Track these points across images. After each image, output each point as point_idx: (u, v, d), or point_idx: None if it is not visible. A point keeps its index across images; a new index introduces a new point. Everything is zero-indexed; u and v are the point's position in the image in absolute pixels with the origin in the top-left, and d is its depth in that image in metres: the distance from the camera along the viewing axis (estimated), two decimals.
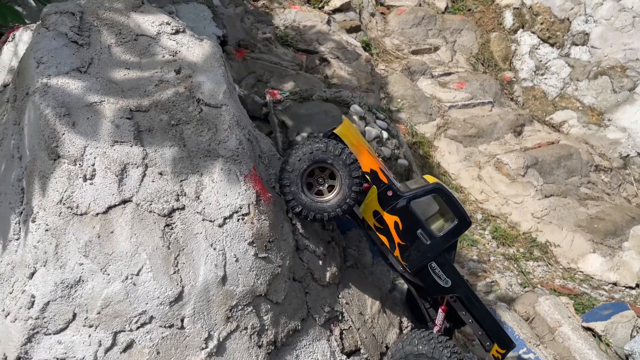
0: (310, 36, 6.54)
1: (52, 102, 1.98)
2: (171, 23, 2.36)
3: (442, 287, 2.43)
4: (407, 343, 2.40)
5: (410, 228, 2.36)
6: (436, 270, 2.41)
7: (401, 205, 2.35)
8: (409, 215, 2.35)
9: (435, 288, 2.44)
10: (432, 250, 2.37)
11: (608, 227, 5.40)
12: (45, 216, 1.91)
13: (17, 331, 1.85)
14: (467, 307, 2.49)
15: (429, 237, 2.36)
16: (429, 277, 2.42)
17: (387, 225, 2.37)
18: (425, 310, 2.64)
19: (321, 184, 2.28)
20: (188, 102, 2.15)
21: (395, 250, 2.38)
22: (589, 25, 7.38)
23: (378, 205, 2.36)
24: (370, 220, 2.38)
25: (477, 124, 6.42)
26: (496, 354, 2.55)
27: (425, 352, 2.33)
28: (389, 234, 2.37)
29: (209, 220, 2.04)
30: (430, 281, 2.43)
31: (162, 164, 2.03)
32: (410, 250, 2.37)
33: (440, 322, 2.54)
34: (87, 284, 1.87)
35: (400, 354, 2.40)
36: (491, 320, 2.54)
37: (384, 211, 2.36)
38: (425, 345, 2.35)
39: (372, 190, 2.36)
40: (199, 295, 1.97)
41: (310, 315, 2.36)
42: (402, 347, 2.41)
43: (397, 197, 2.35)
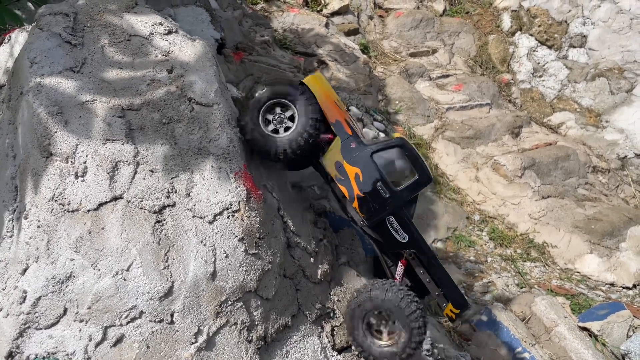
0: (308, 39, 6.58)
1: (45, 101, 2.01)
2: (164, 24, 2.39)
3: (399, 242, 2.42)
4: (373, 288, 2.35)
5: (370, 180, 2.35)
6: (394, 225, 2.40)
7: (363, 156, 2.34)
8: (370, 168, 2.34)
9: (393, 242, 2.43)
10: (390, 204, 2.35)
11: (605, 228, 5.40)
12: (38, 213, 1.94)
13: (9, 326, 1.87)
14: (424, 264, 2.48)
15: (388, 191, 2.34)
16: (387, 231, 2.41)
17: (347, 176, 2.36)
18: (387, 268, 2.62)
19: (279, 122, 2.29)
20: (179, 101, 2.18)
21: (354, 202, 2.36)
22: (586, 27, 7.40)
23: (340, 155, 2.36)
24: (331, 171, 2.38)
25: (475, 126, 6.43)
26: (450, 313, 2.54)
27: (389, 298, 2.29)
28: (349, 185, 2.36)
29: (199, 216, 2.07)
30: (388, 235, 2.42)
31: (153, 162, 2.06)
32: (369, 203, 2.35)
33: (400, 275, 2.51)
34: (77, 279, 1.90)
35: (365, 296, 2.35)
36: (447, 279, 2.53)
37: (346, 162, 2.35)
38: (385, 292, 2.30)
39: (336, 141, 2.36)
40: (189, 290, 1.99)
41: (301, 311, 2.38)
42: (369, 290, 2.36)
43: (360, 148, 2.35)
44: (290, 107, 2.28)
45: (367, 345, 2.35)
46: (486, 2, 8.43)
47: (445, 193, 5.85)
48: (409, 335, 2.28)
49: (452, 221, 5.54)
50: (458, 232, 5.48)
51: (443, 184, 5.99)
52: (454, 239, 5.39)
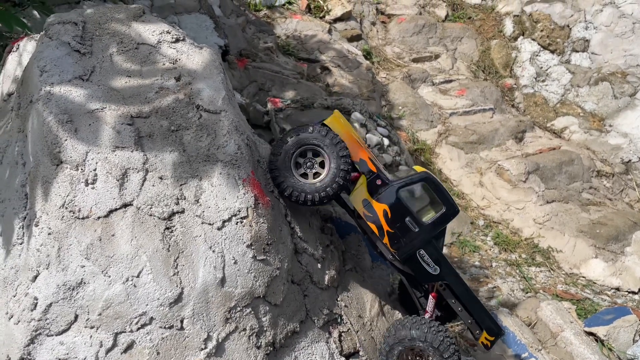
0: (311, 45, 6.61)
1: (55, 109, 2.03)
2: (171, 32, 2.41)
3: (430, 275, 2.45)
4: (400, 328, 2.40)
5: (398, 216, 2.39)
6: (425, 258, 2.44)
7: (390, 193, 2.39)
8: (398, 204, 2.39)
9: (424, 275, 2.46)
10: (420, 238, 2.40)
11: (610, 233, 5.40)
12: (48, 220, 1.96)
13: (20, 333, 1.89)
14: (456, 294, 2.51)
15: (417, 225, 2.39)
16: (418, 265, 2.45)
17: (376, 213, 2.40)
18: (416, 299, 2.66)
19: (310, 167, 2.32)
20: (188, 108, 2.20)
21: (384, 238, 2.41)
22: (589, 31, 7.43)
23: (367, 193, 2.40)
24: (359, 209, 2.42)
25: (478, 131, 6.45)
26: (485, 341, 2.57)
27: (418, 336, 2.34)
28: (378, 222, 2.40)
29: (208, 223, 2.08)
30: (419, 269, 2.45)
31: (162, 169, 2.08)
32: (399, 238, 2.40)
33: (431, 308, 2.55)
34: (88, 286, 1.91)
35: (393, 339, 2.40)
36: (479, 307, 2.56)
37: (373, 199, 2.39)
38: (418, 330, 2.35)
39: (362, 179, 2.41)
40: (198, 296, 2.00)
41: (309, 317, 2.39)
42: (395, 331, 2.41)
43: (386, 185, 2.39)
44: (317, 150, 2.31)
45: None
46: (488, 7, 8.47)
47: None
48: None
49: (457, 226, 5.54)
50: (462, 237, 5.48)
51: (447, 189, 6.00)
52: (458, 244, 5.39)
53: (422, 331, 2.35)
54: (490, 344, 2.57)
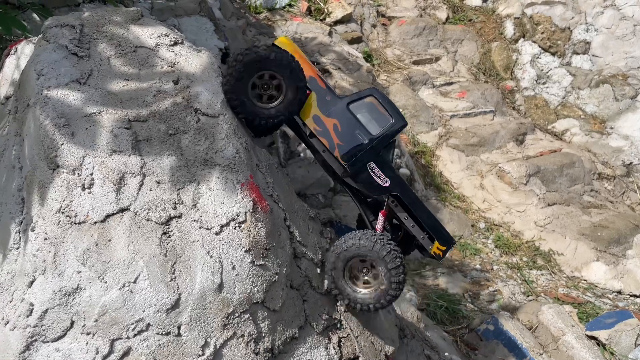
0: (312, 48, 6.60)
1: (52, 113, 2.01)
2: (169, 35, 2.40)
3: (381, 187, 2.47)
4: (349, 237, 2.40)
5: (348, 129, 2.43)
6: (375, 170, 2.46)
7: (340, 107, 2.43)
8: (348, 117, 2.43)
9: (375, 188, 2.48)
10: (370, 150, 2.42)
11: (612, 235, 5.38)
12: (44, 225, 1.94)
13: (16, 339, 1.87)
14: (407, 207, 2.52)
15: (367, 137, 2.42)
16: (369, 177, 2.46)
17: (326, 127, 2.44)
18: (369, 222, 2.65)
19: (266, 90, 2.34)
20: (186, 112, 2.18)
21: (335, 151, 2.43)
22: (589, 34, 7.41)
23: (317, 109, 2.44)
24: (310, 125, 2.45)
25: (479, 133, 6.43)
26: (437, 250, 2.56)
27: (365, 245, 2.34)
28: (329, 136, 2.43)
29: (205, 228, 2.06)
30: (370, 181, 2.47)
31: (159, 173, 2.06)
32: (350, 150, 2.42)
33: (381, 226, 2.55)
34: (84, 292, 1.89)
35: (340, 247, 2.40)
36: (431, 217, 2.56)
37: (323, 115, 2.44)
38: (366, 240, 2.35)
39: (312, 96, 2.45)
40: (196, 302, 1.98)
41: (308, 323, 2.37)
42: (344, 240, 2.41)
43: (336, 100, 2.44)
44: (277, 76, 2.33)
45: (345, 291, 2.41)
46: (489, 9, 8.46)
47: (450, 201, 5.83)
48: (387, 288, 2.34)
49: (457, 229, 5.52)
50: (463, 240, 5.46)
51: (448, 191, 5.98)
52: (459, 247, 5.37)
53: (370, 241, 2.35)
54: (442, 253, 2.58)
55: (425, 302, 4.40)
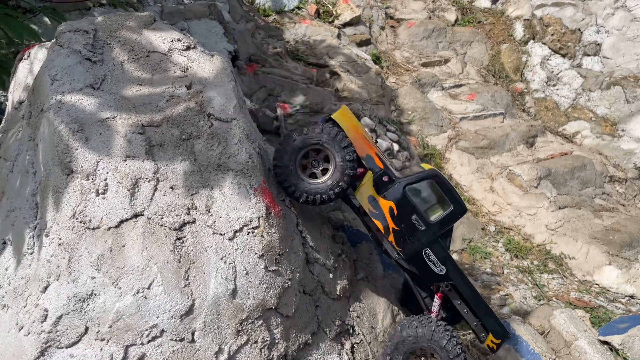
0: (320, 50, 6.59)
1: (66, 118, 2.02)
2: (182, 39, 2.40)
3: (436, 275, 2.42)
4: (406, 326, 2.37)
5: (405, 213, 2.36)
6: (430, 257, 2.41)
7: (396, 190, 2.36)
8: (404, 201, 2.35)
9: (430, 275, 2.43)
10: (426, 236, 2.36)
11: (624, 239, 5.32)
12: (59, 230, 1.94)
13: (30, 345, 1.87)
14: (462, 295, 2.47)
15: (424, 223, 2.36)
16: (423, 264, 2.41)
17: (382, 210, 2.37)
18: (421, 299, 2.61)
19: (315, 167, 2.30)
20: (199, 116, 2.18)
21: (390, 236, 2.37)
22: (600, 35, 7.35)
23: (373, 190, 2.37)
24: (365, 206, 2.39)
25: (489, 136, 6.39)
26: (491, 344, 2.54)
27: (424, 335, 2.31)
28: (384, 220, 2.37)
29: (219, 233, 2.05)
30: (425, 268, 2.42)
31: (173, 178, 2.06)
32: (405, 236, 2.37)
33: (437, 309, 2.51)
34: (99, 298, 1.89)
35: (398, 337, 2.37)
36: (485, 309, 2.52)
37: (380, 196, 2.36)
38: (424, 328, 2.32)
39: (368, 175, 2.38)
40: (210, 308, 1.97)
41: (320, 328, 2.35)
42: (401, 330, 2.38)
43: (393, 182, 2.36)
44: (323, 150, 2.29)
45: None
46: (498, 11, 8.41)
47: None
48: None
49: (467, 232, 5.49)
50: (473, 243, 5.43)
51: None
52: (469, 250, 5.34)
53: (429, 330, 2.31)
54: (496, 347, 2.55)
55: None
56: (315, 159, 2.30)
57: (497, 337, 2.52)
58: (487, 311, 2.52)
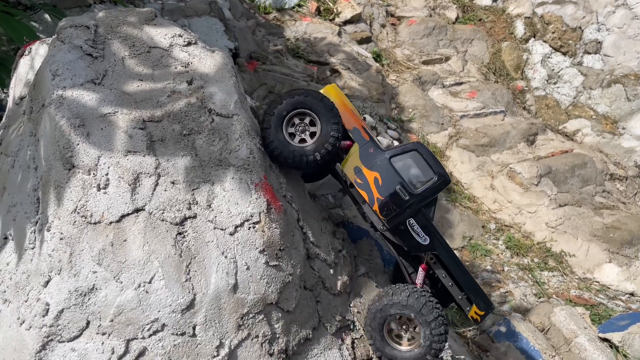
0: (321, 48, 6.59)
1: (67, 113, 2.02)
2: (183, 35, 2.40)
3: (420, 245, 2.44)
4: (382, 294, 2.38)
5: (389, 183, 2.39)
6: (415, 227, 2.42)
7: (382, 161, 2.40)
8: (389, 171, 2.39)
9: (414, 245, 2.45)
10: (410, 206, 2.38)
11: (624, 237, 5.32)
12: (60, 225, 1.94)
13: (32, 339, 1.87)
14: (446, 266, 2.49)
15: (408, 193, 2.38)
16: (408, 234, 2.43)
17: (367, 180, 2.41)
18: (407, 274, 2.63)
19: (302, 131, 2.35)
20: (200, 112, 2.18)
21: (375, 205, 2.40)
22: (601, 33, 7.35)
23: (359, 161, 2.42)
24: (351, 176, 2.43)
25: (490, 133, 6.39)
26: (475, 315, 2.54)
27: (399, 301, 2.32)
28: (369, 189, 2.40)
29: (220, 228, 2.06)
30: (409, 238, 2.44)
31: (174, 173, 2.06)
32: (389, 205, 2.39)
33: (421, 280, 2.53)
34: (100, 292, 1.89)
35: (375, 306, 2.38)
36: (470, 281, 2.53)
37: (365, 167, 2.41)
38: (400, 295, 2.33)
39: (354, 147, 2.43)
40: (211, 303, 1.98)
41: (321, 324, 2.36)
42: (378, 298, 2.39)
43: (378, 153, 2.41)
44: (310, 114, 2.34)
45: (386, 350, 2.38)
46: (499, 9, 8.41)
47: (461, 201, 5.80)
48: (429, 342, 2.30)
49: (468, 230, 5.49)
50: (474, 241, 5.43)
51: (458, 192, 5.94)
52: (469, 247, 5.34)
53: (404, 296, 2.32)
54: (480, 318, 2.55)
55: None
56: (302, 124, 2.36)
57: (481, 308, 2.53)
58: (472, 283, 2.53)
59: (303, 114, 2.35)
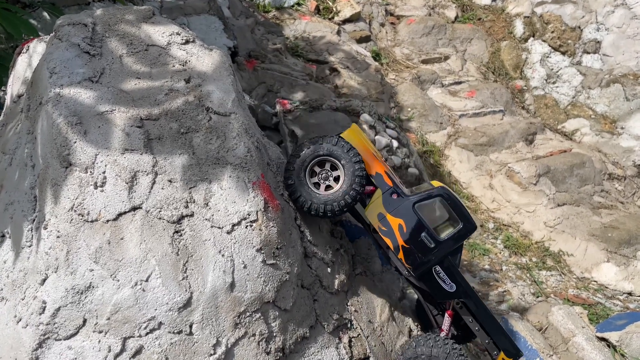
0: (320, 46, 6.59)
1: (65, 111, 2.02)
2: (181, 33, 2.40)
3: (447, 292, 2.41)
4: (421, 344, 2.36)
5: (414, 231, 2.35)
6: (441, 275, 2.39)
7: (405, 207, 2.35)
8: (413, 218, 2.35)
9: (440, 292, 2.42)
10: (436, 254, 2.35)
11: (622, 236, 5.33)
12: (57, 223, 1.94)
13: (28, 337, 1.87)
14: (473, 313, 2.46)
15: (433, 241, 2.35)
16: (434, 281, 2.40)
17: (391, 227, 2.37)
18: (432, 316, 2.62)
19: (325, 179, 2.32)
20: (197, 110, 2.18)
21: (399, 253, 2.37)
22: (600, 33, 7.35)
23: (383, 207, 2.37)
24: (374, 223, 2.39)
25: (488, 133, 6.40)
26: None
27: (438, 356, 2.31)
28: (393, 236, 2.37)
29: (217, 227, 2.06)
30: (435, 285, 2.41)
31: (171, 172, 2.06)
32: (414, 254, 2.36)
33: (447, 327, 2.51)
34: (97, 290, 1.89)
35: (412, 352, 2.36)
36: (497, 327, 2.50)
37: (389, 213, 2.36)
38: (440, 349, 2.31)
39: (377, 193, 2.38)
40: (208, 301, 1.98)
41: (318, 322, 2.36)
42: (415, 346, 2.36)
43: (402, 199, 2.36)
44: (330, 160, 2.31)
45: None
46: (498, 8, 8.41)
47: None
48: None
49: None
50: (472, 240, 5.43)
51: (456, 191, 5.95)
52: (468, 247, 5.34)
53: (444, 352, 2.30)
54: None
55: None
56: (326, 171, 2.33)
57: (509, 355, 2.50)
58: (499, 329, 2.50)
59: (323, 162, 2.32)
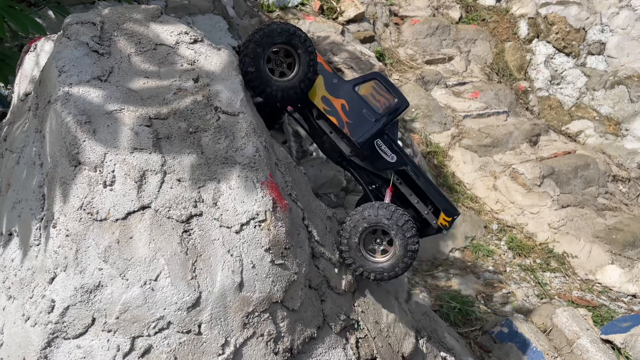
0: (324, 46, 6.58)
1: (74, 109, 2.01)
2: (189, 32, 2.39)
3: (388, 162, 2.65)
4: (365, 207, 2.48)
5: (356, 108, 2.61)
6: (382, 147, 2.65)
7: (346, 89, 2.62)
8: (354, 98, 2.61)
9: (382, 164, 2.66)
10: (377, 127, 2.59)
11: (627, 238, 5.32)
12: (66, 222, 1.94)
13: (37, 335, 1.87)
14: (414, 181, 2.65)
15: (374, 115, 2.60)
16: (376, 153, 2.65)
17: (335, 107, 2.62)
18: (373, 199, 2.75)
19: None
20: (206, 110, 2.18)
21: (345, 128, 2.60)
22: (605, 34, 7.34)
23: (325, 91, 2.63)
24: (320, 105, 2.63)
25: (492, 134, 6.39)
26: (443, 222, 2.68)
27: (384, 214, 2.42)
28: (338, 115, 2.61)
29: (226, 226, 2.05)
30: (377, 158, 2.65)
31: (180, 171, 2.06)
32: (358, 127, 2.60)
33: (388, 200, 2.67)
34: (106, 289, 1.89)
35: (359, 216, 2.46)
36: (436, 190, 2.68)
37: (331, 95, 2.63)
38: (385, 210, 2.43)
39: (319, 79, 2.63)
40: (216, 301, 1.97)
41: (326, 323, 2.36)
42: (362, 210, 2.47)
43: (343, 82, 2.64)
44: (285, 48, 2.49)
45: (367, 265, 2.46)
46: (502, 9, 8.40)
47: (463, 202, 5.80)
48: (404, 246, 2.41)
49: (470, 230, 5.49)
50: (476, 241, 5.43)
51: (460, 192, 5.94)
52: (472, 248, 5.34)
53: (389, 211, 2.44)
54: (448, 224, 2.70)
55: (438, 304, 4.38)
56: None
57: (449, 214, 2.68)
58: (438, 192, 2.69)
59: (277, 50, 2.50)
